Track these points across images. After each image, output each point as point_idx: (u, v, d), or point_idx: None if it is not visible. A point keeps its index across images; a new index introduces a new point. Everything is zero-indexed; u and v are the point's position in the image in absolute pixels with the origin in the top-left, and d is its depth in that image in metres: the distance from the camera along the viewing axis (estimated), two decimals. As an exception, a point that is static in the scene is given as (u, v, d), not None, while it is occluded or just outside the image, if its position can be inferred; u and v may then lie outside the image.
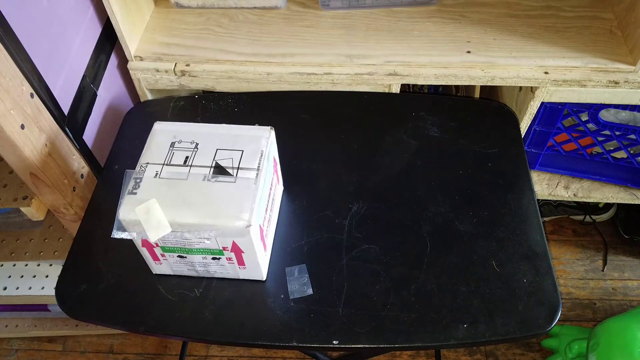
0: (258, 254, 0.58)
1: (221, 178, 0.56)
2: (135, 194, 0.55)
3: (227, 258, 0.59)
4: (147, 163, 0.58)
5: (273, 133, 0.62)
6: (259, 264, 0.60)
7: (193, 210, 0.54)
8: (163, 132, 0.61)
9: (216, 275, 0.63)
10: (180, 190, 0.55)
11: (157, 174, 0.57)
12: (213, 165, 0.58)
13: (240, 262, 0.59)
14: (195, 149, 0.59)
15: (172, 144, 0.60)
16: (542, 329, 0.59)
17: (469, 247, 0.65)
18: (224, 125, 0.62)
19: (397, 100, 0.84)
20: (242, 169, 0.57)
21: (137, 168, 0.57)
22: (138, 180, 0.56)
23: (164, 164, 0.58)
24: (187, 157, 0.58)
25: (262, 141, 0.60)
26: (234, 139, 0.60)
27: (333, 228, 0.67)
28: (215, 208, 0.54)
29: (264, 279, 0.63)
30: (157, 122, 0.62)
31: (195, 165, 0.58)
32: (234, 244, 0.56)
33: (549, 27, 0.86)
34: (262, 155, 0.58)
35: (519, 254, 0.64)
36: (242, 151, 0.59)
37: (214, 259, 0.59)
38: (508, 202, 0.69)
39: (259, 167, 0.57)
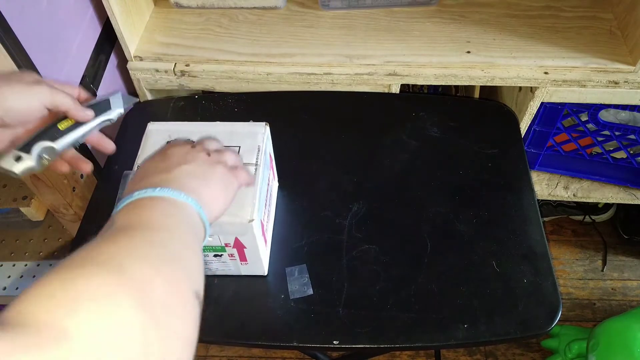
0: (260, 248, 0.58)
1: None
2: (135, 194, 0.55)
3: (229, 255, 0.59)
4: None
5: (268, 129, 0.62)
6: (260, 258, 0.60)
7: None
8: (158, 132, 0.61)
9: (217, 273, 0.63)
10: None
11: None
12: None
13: (243, 258, 0.59)
14: (192, 148, 0.59)
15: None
16: (542, 329, 0.59)
17: (469, 247, 0.65)
18: (218, 122, 0.62)
19: (397, 100, 0.84)
20: None
21: (134, 168, 0.57)
22: (137, 181, 0.56)
23: (162, 164, 0.58)
24: (184, 156, 0.58)
25: (259, 137, 0.60)
26: (230, 135, 0.60)
27: (333, 228, 0.67)
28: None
29: (266, 273, 0.63)
30: (151, 122, 0.62)
31: None
32: (236, 240, 0.56)
33: (548, 27, 0.86)
34: (259, 151, 0.58)
35: (519, 254, 0.64)
36: (239, 147, 0.59)
37: (215, 256, 0.59)
38: (508, 202, 0.69)
39: (257, 162, 0.57)
